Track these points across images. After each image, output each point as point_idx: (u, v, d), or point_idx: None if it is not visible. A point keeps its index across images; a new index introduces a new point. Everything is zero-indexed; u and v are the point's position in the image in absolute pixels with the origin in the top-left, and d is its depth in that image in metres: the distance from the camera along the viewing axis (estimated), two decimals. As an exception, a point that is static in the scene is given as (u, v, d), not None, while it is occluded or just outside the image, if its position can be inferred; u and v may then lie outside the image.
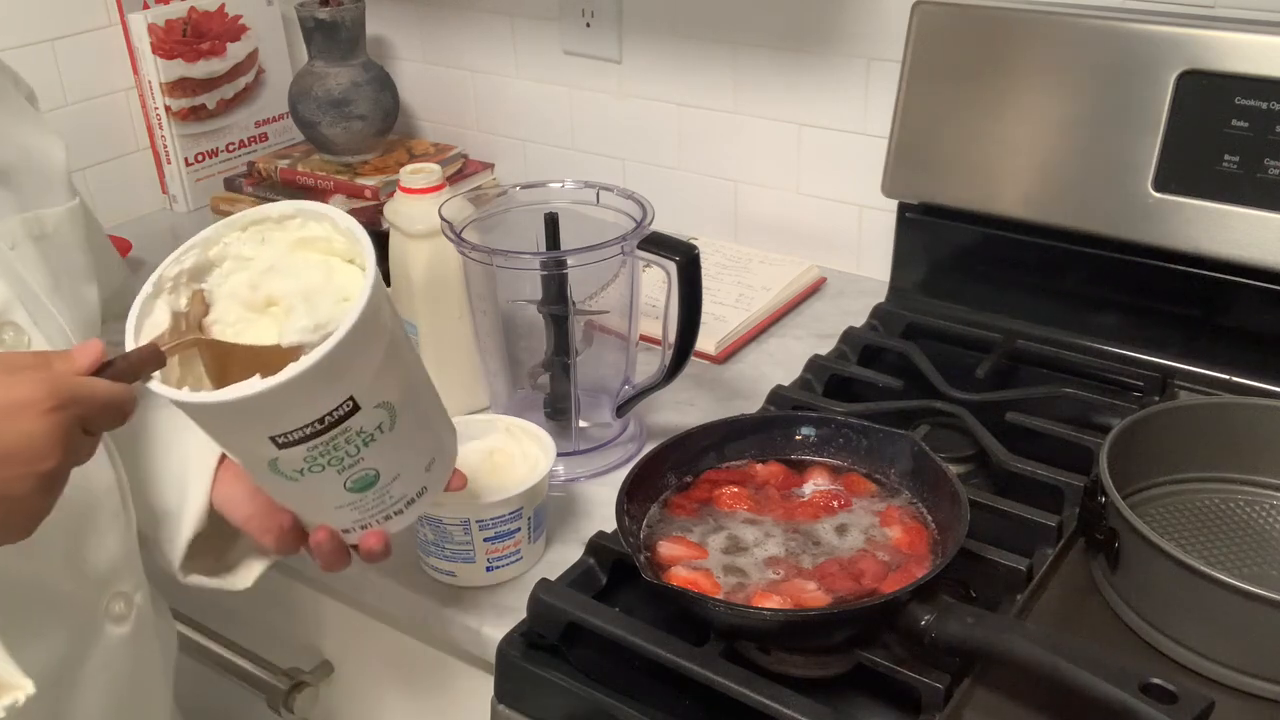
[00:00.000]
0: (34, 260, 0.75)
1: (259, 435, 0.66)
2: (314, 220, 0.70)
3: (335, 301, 0.67)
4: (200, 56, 1.58)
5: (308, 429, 0.65)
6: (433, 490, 0.76)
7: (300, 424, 0.65)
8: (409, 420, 0.70)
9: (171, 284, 0.69)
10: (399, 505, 0.74)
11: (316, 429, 0.65)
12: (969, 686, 0.75)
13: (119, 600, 0.78)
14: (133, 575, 0.80)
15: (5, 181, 0.74)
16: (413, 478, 0.74)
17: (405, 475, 0.73)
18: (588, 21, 1.44)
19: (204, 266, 0.71)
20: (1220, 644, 0.75)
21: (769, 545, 0.84)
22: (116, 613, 0.78)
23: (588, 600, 0.83)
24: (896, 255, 1.26)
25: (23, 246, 0.75)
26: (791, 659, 0.79)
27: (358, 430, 0.67)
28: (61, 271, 0.77)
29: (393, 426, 0.69)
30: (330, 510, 0.73)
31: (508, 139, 1.61)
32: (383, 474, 0.71)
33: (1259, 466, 0.92)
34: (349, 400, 0.66)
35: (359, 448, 0.68)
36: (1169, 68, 1.03)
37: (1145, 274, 1.10)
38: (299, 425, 0.65)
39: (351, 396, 0.66)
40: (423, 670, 1.00)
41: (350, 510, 0.73)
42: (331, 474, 0.69)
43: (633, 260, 0.99)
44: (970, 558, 0.83)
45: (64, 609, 0.75)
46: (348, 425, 0.66)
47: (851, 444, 0.92)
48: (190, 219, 1.62)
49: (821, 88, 1.31)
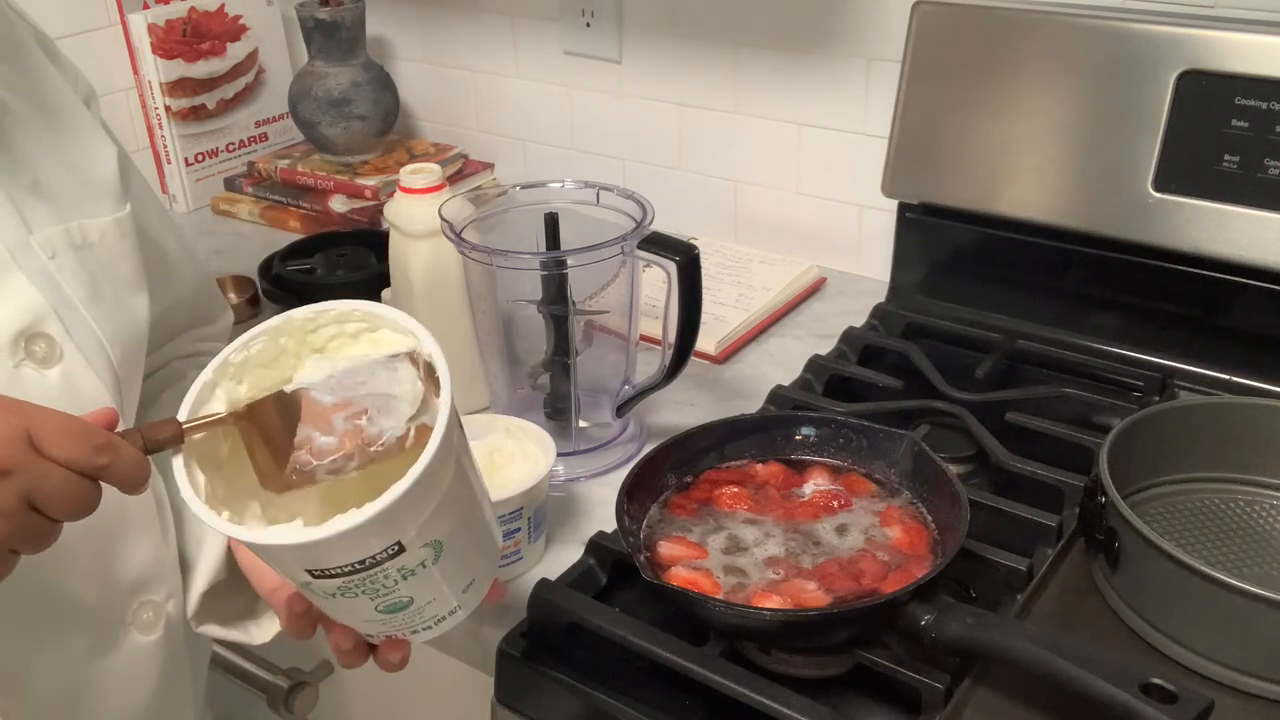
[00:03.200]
0: (73, 270, 0.73)
1: (296, 568, 0.61)
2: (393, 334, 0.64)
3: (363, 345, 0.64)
4: (200, 56, 1.58)
5: (346, 568, 0.60)
6: (466, 608, 0.70)
7: (339, 563, 0.59)
8: (454, 554, 0.64)
9: (235, 371, 0.64)
10: (429, 623, 0.68)
11: (356, 568, 0.60)
12: (969, 686, 0.75)
13: (148, 608, 0.77)
14: (165, 584, 0.78)
15: (40, 194, 0.73)
16: (448, 600, 0.68)
17: (439, 600, 0.67)
18: (588, 21, 1.44)
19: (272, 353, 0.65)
20: (1220, 644, 0.75)
21: (769, 545, 0.84)
22: (144, 620, 0.77)
23: (588, 600, 0.83)
24: (896, 255, 1.26)
25: (63, 256, 0.73)
26: (791, 659, 0.79)
27: (399, 568, 0.61)
28: (104, 281, 0.75)
29: (436, 561, 0.63)
30: (358, 624, 0.69)
31: (508, 139, 1.61)
32: (417, 600, 0.65)
33: (1259, 466, 0.92)
34: (395, 544, 0.60)
35: (397, 582, 0.62)
36: (1169, 68, 1.03)
37: (1145, 274, 1.10)
38: (338, 564, 0.60)
39: (399, 541, 0.60)
40: (423, 670, 1.00)
41: (378, 625, 0.68)
42: (364, 600, 0.63)
43: (633, 260, 0.99)
44: (970, 558, 0.83)
45: (87, 615, 0.74)
46: (388, 567, 0.61)
47: (851, 444, 0.92)
48: (190, 219, 1.62)
49: (821, 88, 1.31)
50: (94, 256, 0.75)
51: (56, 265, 0.72)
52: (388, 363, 0.61)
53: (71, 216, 0.74)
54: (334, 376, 0.60)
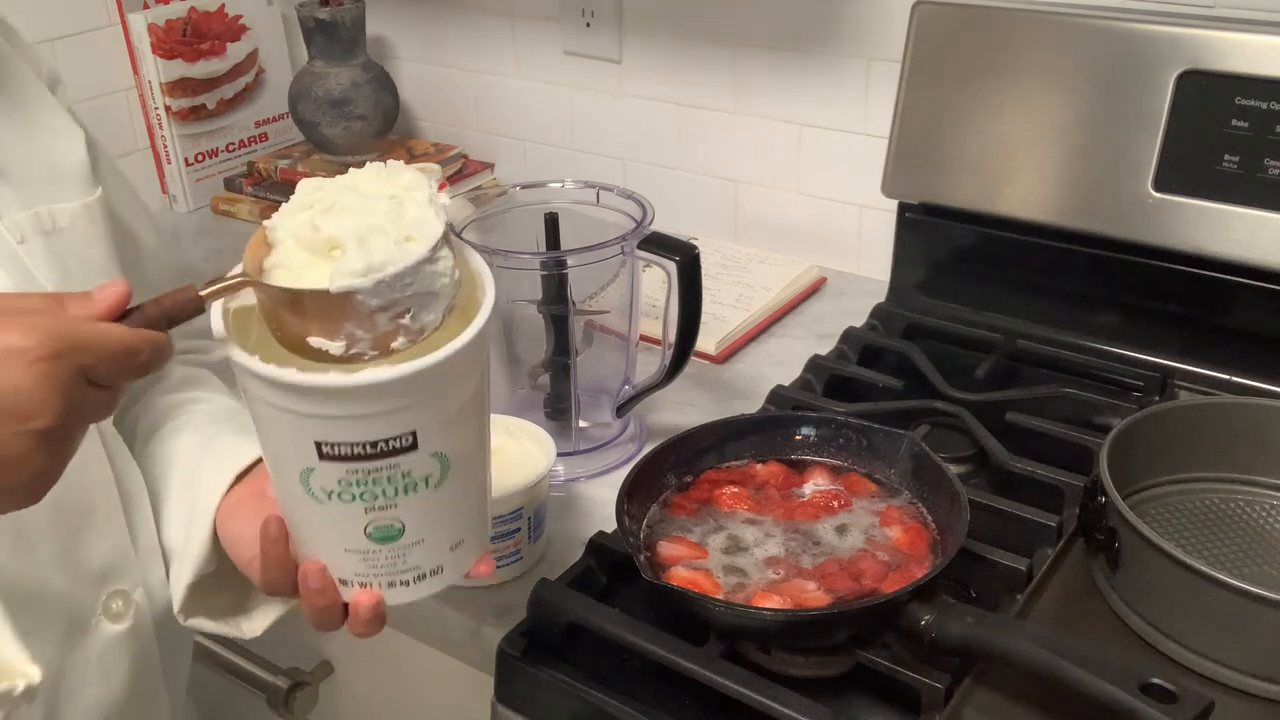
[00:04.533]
0: (43, 255, 0.73)
1: (307, 437, 0.60)
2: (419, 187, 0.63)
3: (397, 241, 0.60)
4: (200, 56, 1.58)
5: (357, 447, 0.59)
6: (449, 575, 0.68)
7: (352, 439, 0.59)
8: (456, 485, 0.64)
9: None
10: (408, 575, 0.66)
11: (366, 451, 0.59)
12: (969, 686, 0.75)
13: (117, 598, 0.78)
14: (132, 573, 0.79)
15: (6, 179, 0.73)
16: (434, 551, 0.66)
17: (428, 544, 0.65)
18: (588, 21, 1.44)
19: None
20: (1220, 644, 0.75)
21: (769, 545, 0.84)
22: (114, 610, 0.78)
23: (588, 600, 0.83)
24: (896, 255, 1.26)
25: (32, 241, 0.73)
26: (792, 659, 0.79)
27: (404, 472, 0.61)
28: (74, 267, 0.75)
29: (439, 484, 0.62)
30: (338, 551, 0.65)
31: (508, 139, 1.61)
32: (408, 532, 0.64)
33: (1259, 466, 0.92)
34: (410, 435, 0.60)
35: (397, 491, 0.62)
36: (1169, 68, 1.03)
37: (1145, 274, 1.10)
38: (350, 440, 0.59)
39: (414, 432, 0.60)
40: (423, 670, 1.00)
41: (358, 560, 0.65)
42: (357, 510, 0.62)
43: (633, 260, 0.99)
44: (970, 558, 0.83)
45: (58, 605, 0.75)
46: (397, 461, 0.60)
47: (851, 444, 0.92)
48: (190, 219, 1.62)
49: (821, 88, 1.31)
50: (64, 242, 0.75)
51: (25, 250, 0.72)
52: (431, 258, 0.60)
53: (39, 201, 0.74)
54: (383, 281, 0.58)
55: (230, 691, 1.11)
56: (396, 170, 0.63)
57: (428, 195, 0.62)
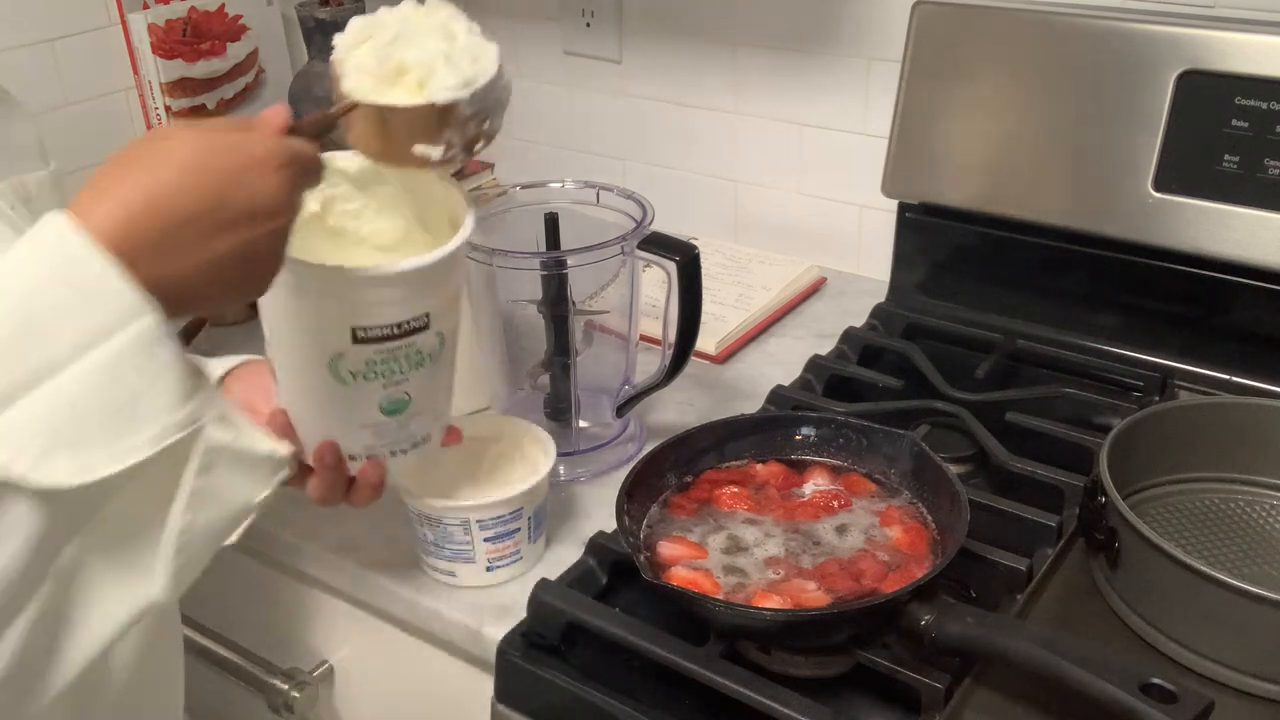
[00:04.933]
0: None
1: (344, 324, 0.68)
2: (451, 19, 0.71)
3: (470, 60, 0.69)
4: (200, 56, 1.58)
5: (386, 329, 0.68)
6: (435, 441, 0.79)
7: (385, 321, 0.68)
8: (447, 358, 0.74)
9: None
10: (405, 443, 0.76)
11: (393, 333, 0.69)
12: (969, 686, 0.75)
13: None
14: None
15: None
16: (428, 419, 0.76)
17: (425, 414, 0.75)
18: (588, 21, 1.44)
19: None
20: (1220, 644, 0.75)
21: (769, 545, 0.84)
22: None
23: (588, 600, 0.83)
24: (896, 255, 1.26)
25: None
26: (792, 659, 0.79)
27: (417, 349, 0.71)
28: None
29: (437, 358, 0.72)
30: (353, 428, 0.74)
31: (508, 139, 1.60)
32: (413, 403, 0.73)
33: (1259, 466, 0.92)
34: (425, 315, 0.69)
35: (411, 366, 0.71)
36: (1169, 68, 1.03)
37: (1145, 274, 1.10)
38: (383, 323, 0.68)
39: (428, 313, 0.70)
40: (423, 670, 1.00)
41: (369, 434, 0.74)
42: (376, 388, 0.71)
43: (633, 260, 0.99)
44: (970, 558, 0.83)
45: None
46: (414, 340, 0.70)
47: (851, 444, 0.92)
48: (190, 219, 1.62)
49: (821, 88, 1.31)
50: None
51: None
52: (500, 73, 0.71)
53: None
54: (477, 92, 0.68)
55: (230, 692, 1.11)
56: (434, 6, 0.71)
57: (466, 25, 0.71)
